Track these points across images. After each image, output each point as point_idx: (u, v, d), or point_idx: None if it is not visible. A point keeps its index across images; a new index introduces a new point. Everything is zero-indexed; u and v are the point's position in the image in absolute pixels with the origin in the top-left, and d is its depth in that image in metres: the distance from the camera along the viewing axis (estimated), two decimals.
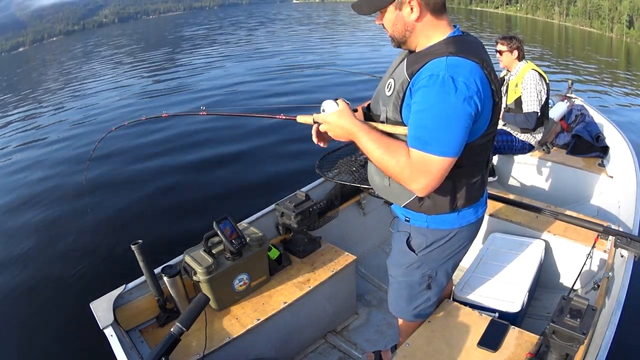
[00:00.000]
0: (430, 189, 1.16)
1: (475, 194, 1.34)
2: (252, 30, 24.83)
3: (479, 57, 1.13)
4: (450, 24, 1.22)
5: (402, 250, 1.47)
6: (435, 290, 1.54)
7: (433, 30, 1.20)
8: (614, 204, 2.79)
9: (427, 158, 1.12)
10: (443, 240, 1.40)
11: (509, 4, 41.61)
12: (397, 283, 1.59)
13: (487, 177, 1.42)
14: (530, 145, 3.00)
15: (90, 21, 66.23)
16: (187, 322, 1.14)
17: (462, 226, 1.38)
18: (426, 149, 1.11)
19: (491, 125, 1.22)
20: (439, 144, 1.10)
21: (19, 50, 44.41)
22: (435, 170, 1.13)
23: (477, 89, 1.09)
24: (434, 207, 1.33)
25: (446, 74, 1.08)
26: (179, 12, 72.13)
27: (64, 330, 2.81)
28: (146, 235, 3.53)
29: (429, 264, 1.46)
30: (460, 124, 1.10)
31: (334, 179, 2.37)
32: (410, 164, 1.14)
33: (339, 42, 17.02)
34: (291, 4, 58.28)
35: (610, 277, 1.88)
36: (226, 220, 1.85)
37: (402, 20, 1.19)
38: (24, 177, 5.61)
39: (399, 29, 1.21)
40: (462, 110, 1.09)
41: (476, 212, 1.40)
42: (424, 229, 1.40)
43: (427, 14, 1.18)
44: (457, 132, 1.10)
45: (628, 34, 25.46)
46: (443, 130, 1.10)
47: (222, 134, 6.25)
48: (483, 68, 1.13)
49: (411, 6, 1.16)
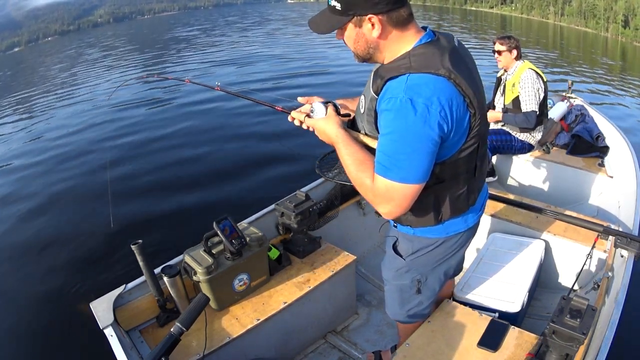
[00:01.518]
0: (395, 214, 1.13)
1: (461, 206, 1.28)
2: (250, 29, 24.85)
3: (446, 68, 1.03)
4: (417, 31, 1.12)
5: (391, 254, 1.49)
6: (426, 294, 1.52)
7: (398, 44, 1.11)
8: (614, 204, 2.79)
9: (388, 185, 1.07)
10: (429, 247, 1.38)
11: (504, 3, 41.64)
12: (389, 286, 1.59)
13: (479, 184, 1.34)
14: (529, 145, 3.01)
15: (85, 21, 66.18)
16: (187, 322, 1.14)
17: (449, 235, 1.35)
18: (387, 175, 1.06)
19: (471, 137, 1.13)
20: (400, 170, 1.05)
21: (14, 50, 44.36)
22: (397, 197, 1.08)
23: (441, 108, 1.01)
24: (417, 221, 1.30)
25: (404, 96, 1.01)
26: (173, 12, 72.01)
27: (64, 330, 2.81)
28: (146, 235, 3.56)
29: (418, 269, 1.45)
30: (421, 149, 1.03)
31: (334, 179, 2.36)
32: (373, 188, 1.11)
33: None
34: (286, 4, 58.16)
35: (610, 277, 1.88)
36: (226, 220, 1.85)
37: (364, 38, 1.11)
38: (24, 177, 5.61)
39: (361, 46, 1.13)
40: (422, 135, 1.01)
41: (465, 222, 1.35)
42: (410, 236, 1.38)
43: (391, 30, 1.09)
44: (419, 158, 1.04)
45: (623, 33, 25.49)
46: (403, 157, 1.04)
47: (223, 134, 6.25)
48: (451, 79, 1.03)
49: (372, 23, 1.06)
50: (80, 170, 5.50)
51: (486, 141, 1.29)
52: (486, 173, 1.43)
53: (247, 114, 7.00)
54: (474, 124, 1.11)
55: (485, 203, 1.47)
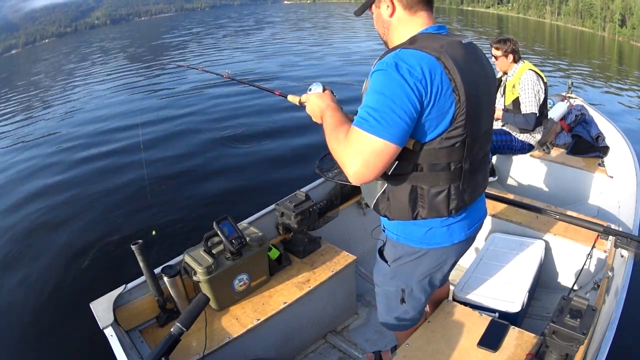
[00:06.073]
0: (363, 174, 1.07)
1: (439, 207, 1.21)
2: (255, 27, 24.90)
3: (437, 50, 1.08)
4: (428, 21, 1.19)
5: (378, 259, 1.49)
6: (411, 304, 1.49)
7: (405, 26, 1.19)
8: (614, 204, 2.79)
9: (361, 135, 1.06)
10: (412, 257, 1.35)
11: (500, 3, 41.67)
12: (378, 289, 1.59)
13: (467, 194, 1.24)
14: (529, 145, 3.00)
15: (82, 23, 66.02)
16: (187, 322, 1.14)
17: (432, 247, 1.31)
18: (362, 126, 1.06)
19: (455, 127, 1.12)
20: (376, 123, 1.04)
21: (12, 53, 44.32)
22: (367, 150, 1.05)
23: (423, 77, 1.04)
24: (393, 211, 1.25)
25: (391, 61, 1.07)
26: (170, 13, 71.69)
27: (64, 330, 2.81)
28: (146, 235, 3.56)
29: (402, 277, 1.43)
30: (398, 107, 1.04)
31: (334, 179, 2.37)
32: (346, 139, 1.09)
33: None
34: (282, 5, 58.10)
35: (610, 277, 1.88)
36: (226, 220, 1.85)
37: (381, 18, 1.22)
38: (23, 176, 5.61)
39: (380, 26, 1.24)
40: (401, 93, 1.04)
41: (450, 236, 1.30)
42: (394, 242, 1.37)
43: (400, 10, 1.17)
44: (395, 115, 1.04)
45: (620, 32, 25.51)
46: (380, 112, 1.04)
47: (223, 134, 6.26)
48: (440, 61, 1.07)
49: (387, 3, 1.17)
50: (81, 170, 5.51)
51: (481, 150, 1.25)
52: (481, 189, 1.34)
53: (250, 113, 7.02)
54: (459, 112, 1.10)
55: (480, 224, 1.42)
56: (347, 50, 14.14)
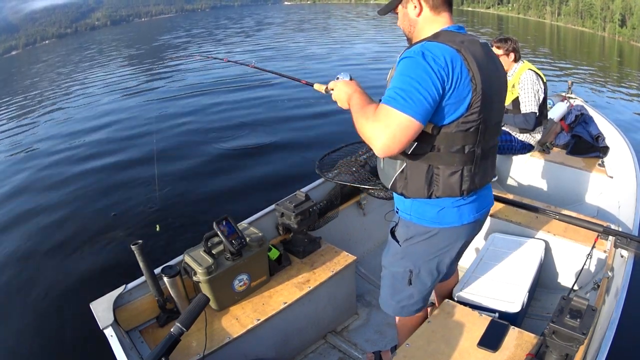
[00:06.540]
0: (389, 147, 1.17)
1: (453, 187, 1.33)
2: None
3: (460, 46, 1.20)
4: (450, 21, 1.32)
5: (389, 239, 1.57)
6: (417, 287, 1.56)
7: (430, 25, 1.32)
8: (614, 204, 2.79)
9: (389, 111, 1.16)
10: (424, 236, 1.44)
11: (501, 4, 41.66)
12: (385, 271, 1.64)
13: (478, 178, 1.35)
14: (529, 145, 3.00)
15: (83, 24, 65.80)
16: (187, 323, 1.14)
17: (444, 227, 1.40)
18: (390, 103, 1.17)
19: (471, 113, 1.23)
20: (404, 101, 1.15)
21: (12, 54, 44.28)
22: (394, 125, 1.15)
23: (445, 65, 1.17)
24: (410, 189, 1.36)
25: (418, 50, 1.19)
26: (171, 14, 71.31)
27: (64, 330, 2.81)
28: (146, 236, 3.56)
29: (411, 257, 1.50)
30: (424, 88, 1.15)
31: (334, 179, 2.37)
32: (375, 115, 1.20)
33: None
34: (282, 6, 57.98)
35: (610, 277, 1.88)
36: (226, 220, 1.85)
37: (407, 17, 1.35)
38: (22, 177, 5.62)
39: (406, 25, 1.37)
40: (425, 75, 1.15)
41: (460, 217, 1.40)
42: (407, 222, 1.46)
43: (427, 10, 1.31)
44: (421, 95, 1.15)
45: (620, 32, 25.52)
46: (408, 91, 1.16)
47: (224, 134, 6.26)
48: (460, 53, 1.19)
49: (414, 4, 1.31)
50: (80, 170, 5.51)
51: (491, 138, 1.36)
52: (489, 178, 1.44)
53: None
54: (475, 100, 1.22)
55: (487, 211, 1.51)
56: (357, 50, 14.25)
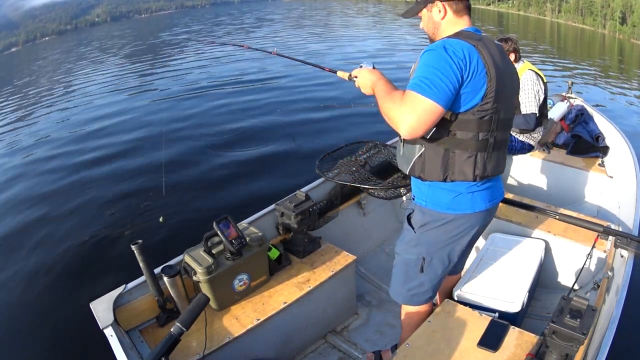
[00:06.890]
0: (414, 129, 1.28)
1: (467, 171, 1.42)
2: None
3: (477, 43, 1.33)
4: (469, 24, 1.46)
5: (406, 226, 1.64)
6: (429, 276, 1.62)
7: (452, 27, 1.46)
8: (614, 204, 2.79)
9: (416, 96, 1.28)
10: (438, 222, 1.51)
11: (501, 1, 41.60)
12: (398, 259, 1.69)
13: (490, 167, 1.44)
14: (529, 145, 3.00)
15: (83, 20, 65.71)
16: (187, 322, 1.14)
17: (457, 213, 1.48)
18: (416, 89, 1.29)
19: (486, 102, 1.34)
20: (428, 88, 1.27)
21: (12, 51, 44.24)
22: (420, 109, 1.27)
23: (464, 57, 1.29)
24: (428, 172, 1.45)
25: (441, 44, 1.33)
26: (170, 10, 70.94)
27: (64, 330, 2.81)
28: (146, 235, 3.57)
29: (425, 244, 1.57)
30: (446, 77, 1.27)
31: (334, 179, 2.37)
32: (402, 100, 1.31)
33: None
34: (282, 2, 57.75)
35: (610, 277, 1.88)
36: (226, 220, 1.85)
37: (432, 20, 1.49)
38: (22, 176, 5.62)
39: (430, 26, 1.50)
40: (447, 65, 1.28)
41: (473, 205, 1.48)
42: (423, 208, 1.54)
43: (450, 14, 1.45)
44: (443, 83, 1.27)
45: (620, 30, 25.51)
46: (431, 79, 1.28)
47: (224, 135, 6.26)
48: (477, 49, 1.32)
49: (439, 8, 1.45)
50: (81, 170, 5.51)
51: (504, 130, 1.46)
52: (501, 168, 1.52)
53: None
54: (489, 90, 1.34)
55: (498, 202, 1.59)
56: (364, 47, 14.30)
